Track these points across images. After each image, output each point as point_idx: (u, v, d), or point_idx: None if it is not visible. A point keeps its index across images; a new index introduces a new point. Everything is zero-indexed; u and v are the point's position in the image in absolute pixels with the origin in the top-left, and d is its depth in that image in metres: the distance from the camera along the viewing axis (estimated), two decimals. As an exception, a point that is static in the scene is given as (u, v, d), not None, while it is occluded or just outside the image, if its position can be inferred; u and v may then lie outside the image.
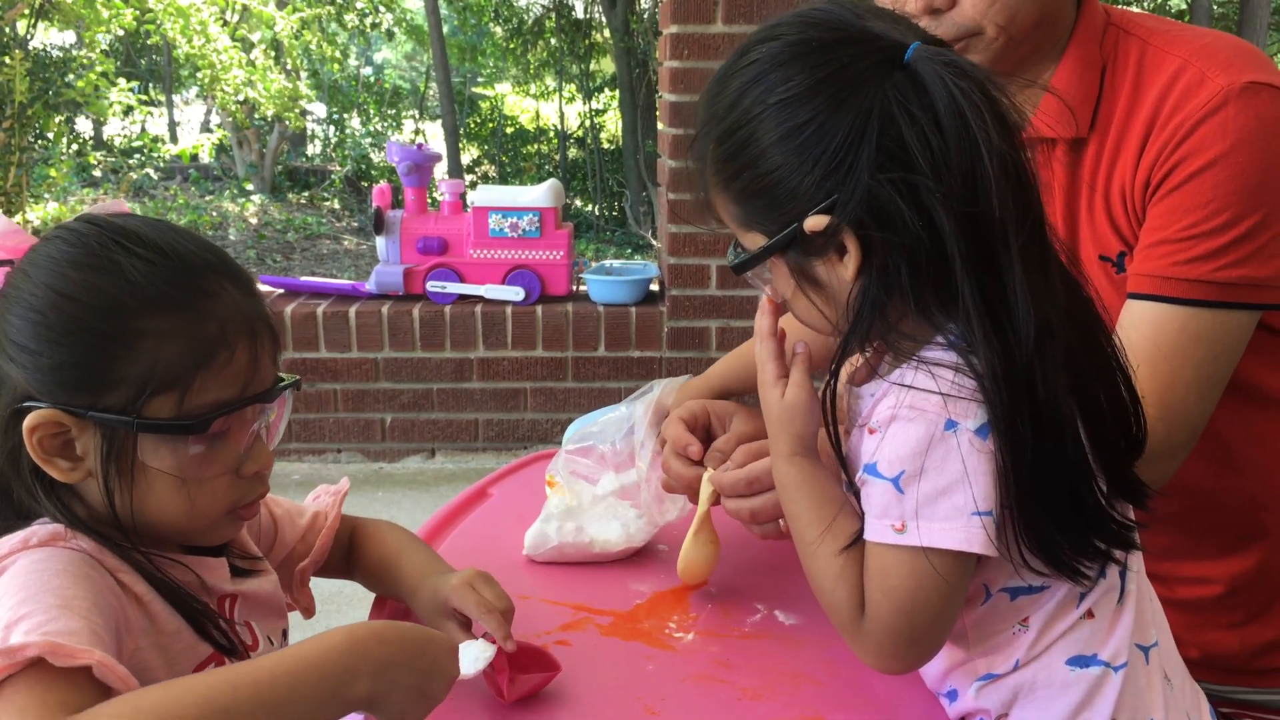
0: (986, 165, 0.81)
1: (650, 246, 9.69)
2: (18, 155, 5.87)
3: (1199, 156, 1.13)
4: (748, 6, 3.57)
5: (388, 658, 0.81)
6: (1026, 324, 0.81)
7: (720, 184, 0.92)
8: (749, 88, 0.88)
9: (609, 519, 1.29)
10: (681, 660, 1.07)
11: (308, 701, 0.76)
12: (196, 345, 0.86)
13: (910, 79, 0.82)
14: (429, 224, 3.74)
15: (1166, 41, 1.19)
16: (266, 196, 10.80)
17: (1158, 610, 0.99)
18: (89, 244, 0.87)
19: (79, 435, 0.86)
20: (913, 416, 0.83)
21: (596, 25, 12.71)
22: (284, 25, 7.54)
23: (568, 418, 3.86)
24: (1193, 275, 1.14)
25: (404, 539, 1.19)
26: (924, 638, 0.86)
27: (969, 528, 0.82)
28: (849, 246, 0.85)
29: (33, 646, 0.71)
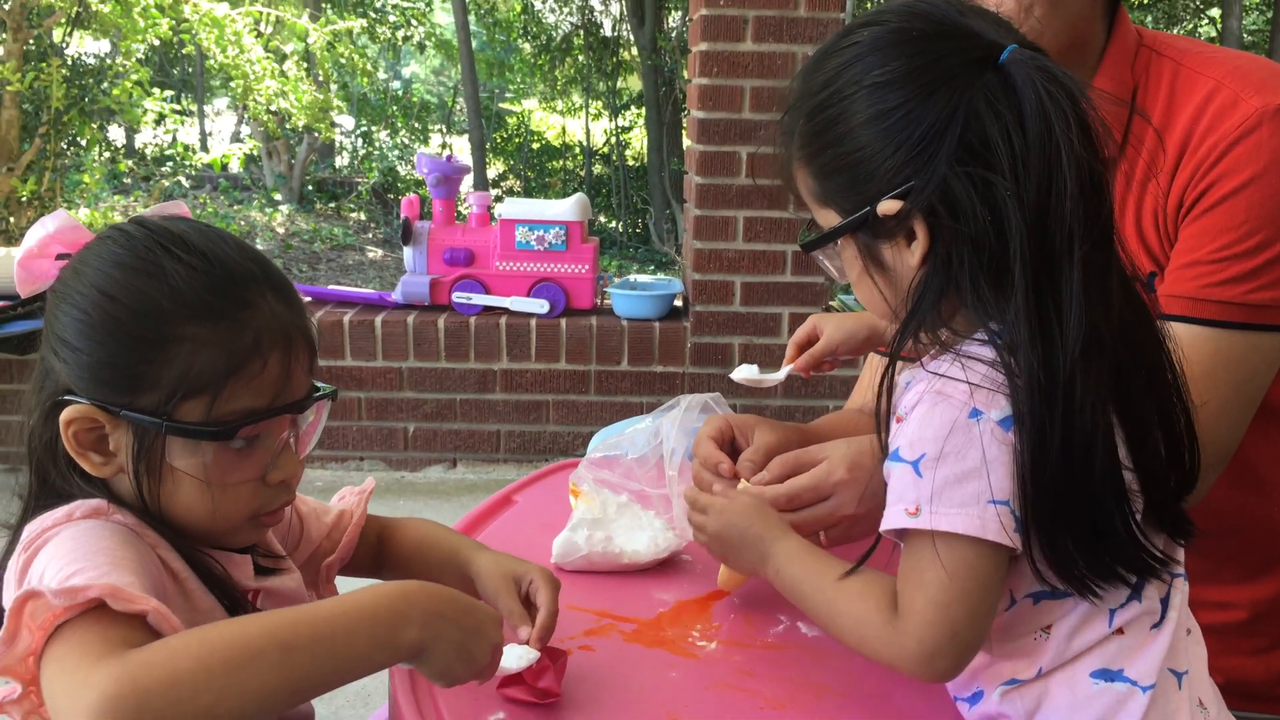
0: (1064, 171, 0.82)
1: (673, 264, 9.71)
2: (52, 161, 5.95)
3: (1232, 178, 1.13)
4: (778, 25, 3.59)
5: (436, 609, 0.84)
6: (1076, 332, 0.82)
7: (804, 158, 0.95)
8: (847, 67, 0.90)
9: (637, 529, 1.29)
10: (704, 669, 1.08)
11: (361, 642, 0.79)
12: (230, 354, 0.88)
13: (1002, 80, 0.84)
14: (456, 235, 3.77)
15: (1199, 63, 1.20)
16: (294, 207, 10.90)
17: (1194, 642, 0.97)
18: (136, 247, 0.90)
19: (112, 432, 0.89)
20: (938, 402, 0.85)
21: (624, 43, 12.78)
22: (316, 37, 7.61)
23: (589, 431, 3.87)
24: (1225, 297, 1.13)
25: (438, 526, 1.22)
26: (964, 630, 0.86)
27: (984, 515, 0.83)
28: (918, 233, 0.87)
29: (95, 588, 0.74)
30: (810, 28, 3.60)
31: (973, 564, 0.84)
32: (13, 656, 0.73)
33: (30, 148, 5.86)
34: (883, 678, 1.06)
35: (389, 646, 0.81)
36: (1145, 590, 0.90)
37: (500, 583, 1.08)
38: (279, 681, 0.74)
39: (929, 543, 0.85)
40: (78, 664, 0.71)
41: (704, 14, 3.60)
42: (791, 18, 3.59)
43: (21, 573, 0.82)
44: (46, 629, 0.73)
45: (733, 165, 3.71)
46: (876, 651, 0.91)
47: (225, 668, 0.72)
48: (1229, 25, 10.95)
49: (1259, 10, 14.06)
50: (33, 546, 0.83)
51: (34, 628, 0.73)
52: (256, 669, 0.73)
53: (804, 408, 3.89)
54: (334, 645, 0.77)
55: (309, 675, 0.76)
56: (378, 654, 0.81)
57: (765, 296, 3.79)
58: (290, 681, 0.75)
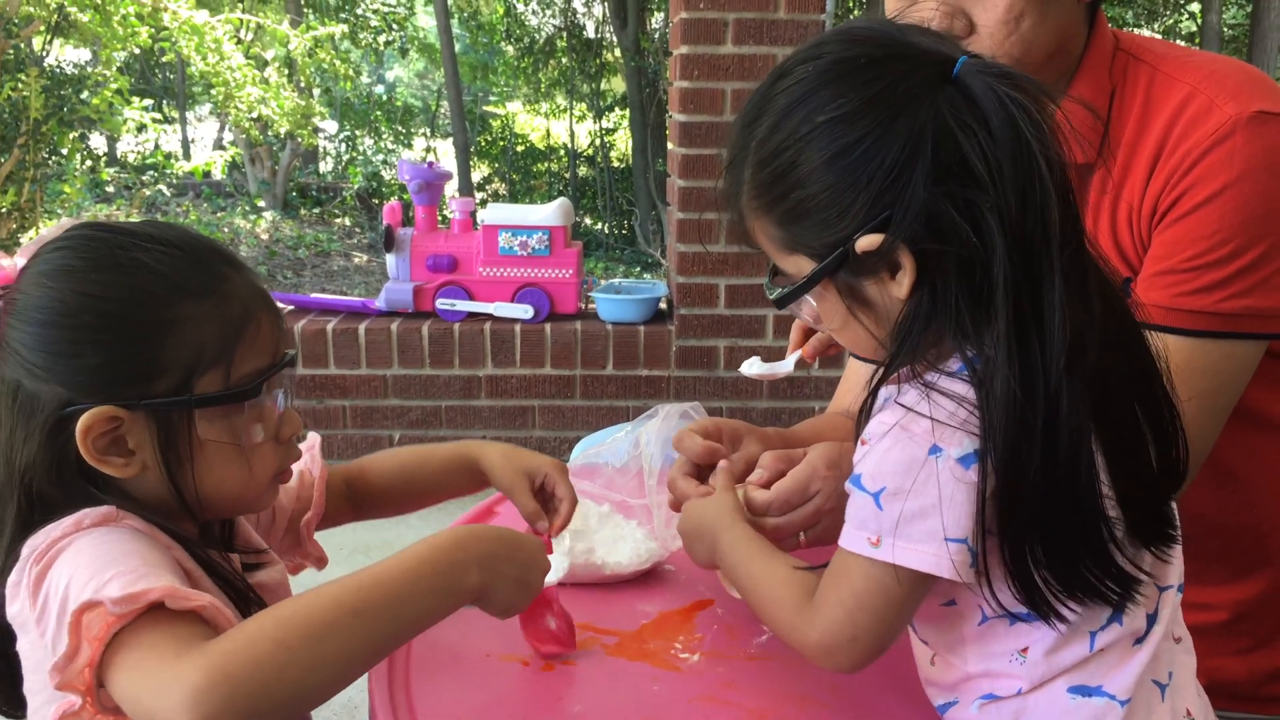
0: (1043, 175, 0.80)
1: (659, 265, 9.71)
2: (32, 171, 5.92)
3: (1206, 186, 1.12)
4: (758, 28, 3.60)
5: (490, 551, 0.89)
6: (1060, 341, 0.80)
7: (762, 208, 0.91)
8: (794, 108, 0.87)
9: (619, 541, 1.29)
10: (687, 681, 1.07)
11: (427, 595, 0.84)
12: (228, 323, 0.91)
13: (961, 92, 0.82)
14: (439, 242, 3.76)
15: (1175, 68, 1.19)
16: (278, 213, 10.86)
17: (1183, 651, 0.97)
18: (104, 248, 0.90)
19: (130, 429, 0.88)
20: (900, 437, 0.84)
21: (607, 45, 12.78)
22: (297, 43, 7.59)
23: (575, 436, 3.87)
24: (1197, 306, 1.13)
25: (417, 448, 1.26)
26: (864, 636, 0.89)
27: (940, 553, 0.83)
28: (904, 263, 0.84)
29: (155, 591, 0.75)
30: (790, 30, 3.60)
31: (893, 585, 0.86)
32: (73, 671, 0.74)
33: (9, 158, 5.82)
34: (867, 687, 1.06)
35: (453, 594, 0.86)
36: (1128, 611, 0.89)
37: (515, 479, 1.17)
38: (357, 646, 0.78)
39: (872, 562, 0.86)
40: (158, 665, 0.73)
41: (684, 17, 3.60)
42: (771, 20, 3.59)
43: (35, 585, 0.81)
44: (103, 638, 0.74)
45: (715, 168, 3.71)
46: (786, 636, 0.96)
47: (304, 643, 0.75)
48: (1209, 20, 11.00)
49: (1238, 5, 14.14)
50: (44, 559, 0.82)
51: (90, 639, 0.74)
52: (335, 639, 0.76)
53: (790, 409, 3.89)
54: (402, 603, 0.81)
55: (384, 635, 0.80)
56: (444, 603, 0.85)
57: (750, 299, 3.79)
58: (368, 644, 0.79)
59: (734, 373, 3.85)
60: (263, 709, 0.72)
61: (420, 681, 1.05)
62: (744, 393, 3.87)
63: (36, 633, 0.81)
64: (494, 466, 1.19)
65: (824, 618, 0.90)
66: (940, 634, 0.94)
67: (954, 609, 0.91)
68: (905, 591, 0.86)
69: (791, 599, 0.94)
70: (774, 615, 0.98)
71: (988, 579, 0.85)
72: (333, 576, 1.11)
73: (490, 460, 1.20)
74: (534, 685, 1.06)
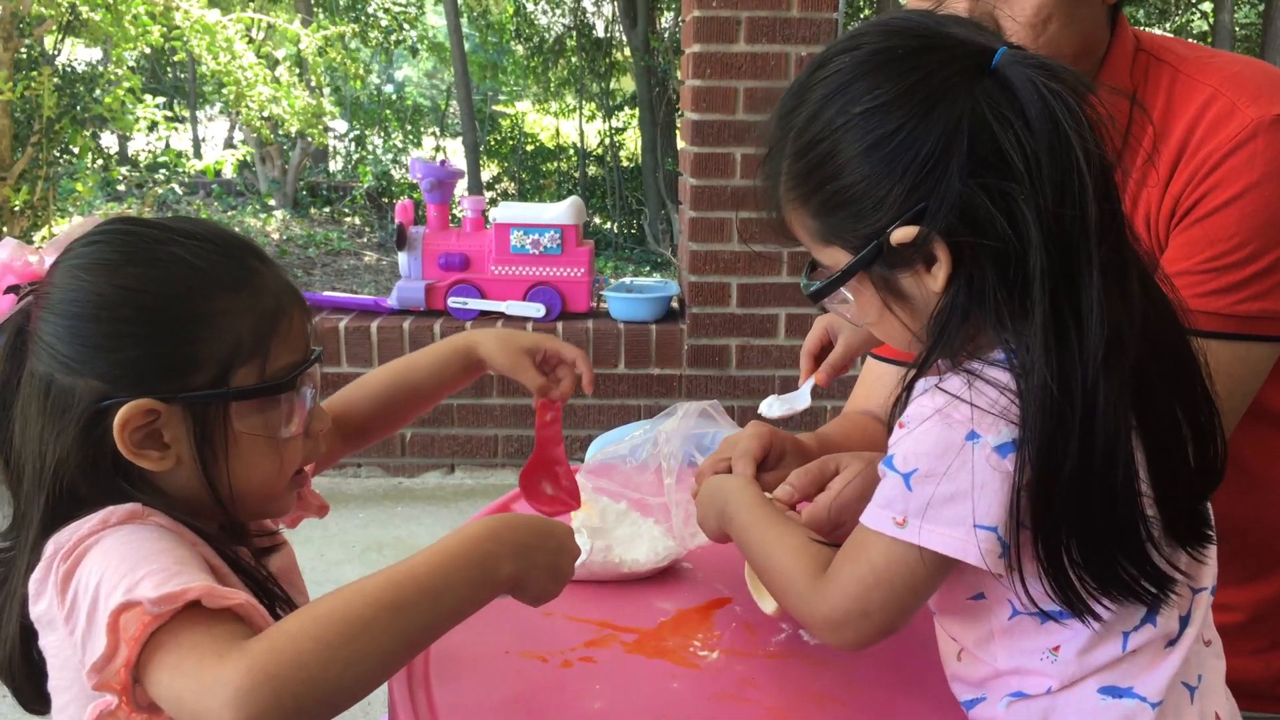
0: (1081, 168, 0.80)
1: (668, 264, 9.70)
2: (44, 170, 5.93)
3: (1226, 189, 1.12)
4: (771, 26, 3.59)
5: (523, 540, 0.90)
6: (1097, 336, 0.80)
7: (798, 199, 0.91)
8: (831, 99, 0.87)
9: (637, 538, 1.29)
10: (706, 679, 1.07)
11: (462, 587, 0.84)
12: (262, 317, 0.92)
13: (999, 84, 0.82)
14: (451, 240, 3.76)
15: (1197, 69, 1.19)
16: (289, 212, 10.88)
17: (1213, 654, 0.96)
18: (140, 242, 0.91)
19: (166, 423, 0.88)
20: (938, 421, 0.83)
21: (617, 44, 12.77)
22: (308, 42, 7.59)
23: (587, 435, 3.86)
24: (1213, 308, 1.13)
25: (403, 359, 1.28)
26: (876, 614, 0.87)
27: (968, 539, 0.82)
28: (939, 255, 0.84)
29: (193, 590, 0.75)
30: (803, 28, 3.59)
31: (915, 564, 0.85)
32: (110, 671, 0.74)
33: (22, 156, 5.84)
34: (886, 686, 1.05)
35: (488, 585, 0.86)
36: (1162, 612, 0.88)
37: (517, 358, 1.23)
38: (396, 642, 0.78)
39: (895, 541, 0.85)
40: (199, 665, 0.73)
41: (696, 15, 3.60)
42: (784, 18, 3.58)
43: (63, 584, 0.81)
44: (140, 638, 0.74)
45: (727, 167, 3.71)
46: (794, 608, 0.95)
47: (343, 640, 0.75)
48: (1221, 19, 10.96)
49: (1250, 4, 14.08)
50: (71, 557, 0.82)
51: (127, 639, 0.74)
52: (373, 635, 0.77)
53: (802, 408, 3.88)
54: (438, 597, 0.82)
55: (421, 629, 0.81)
56: (478, 594, 0.86)
57: (762, 298, 3.79)
58: (405, 639, 0.79)
59: (745, 371, 3.85)
60: (306, 706, 0.73)
61: (440, 678, 1.05)
62: (756, 392, 3.86)
63: (65, 630, 0.81)
64: (492, 352, 1.23)
65: (837, 591, 0.89)
66: (968, 629, 0.93)
67: (982, 603, 0.91)
68: (926, 574, 0.86)
69: (804, 571, 0.93)
70: (784, 585, 0.96)
71: (1020, 573, 0.84)
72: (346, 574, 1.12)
73: (487, 347, 1.24)
74: (553, 682, 1.06)
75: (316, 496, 1.18)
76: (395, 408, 1.27)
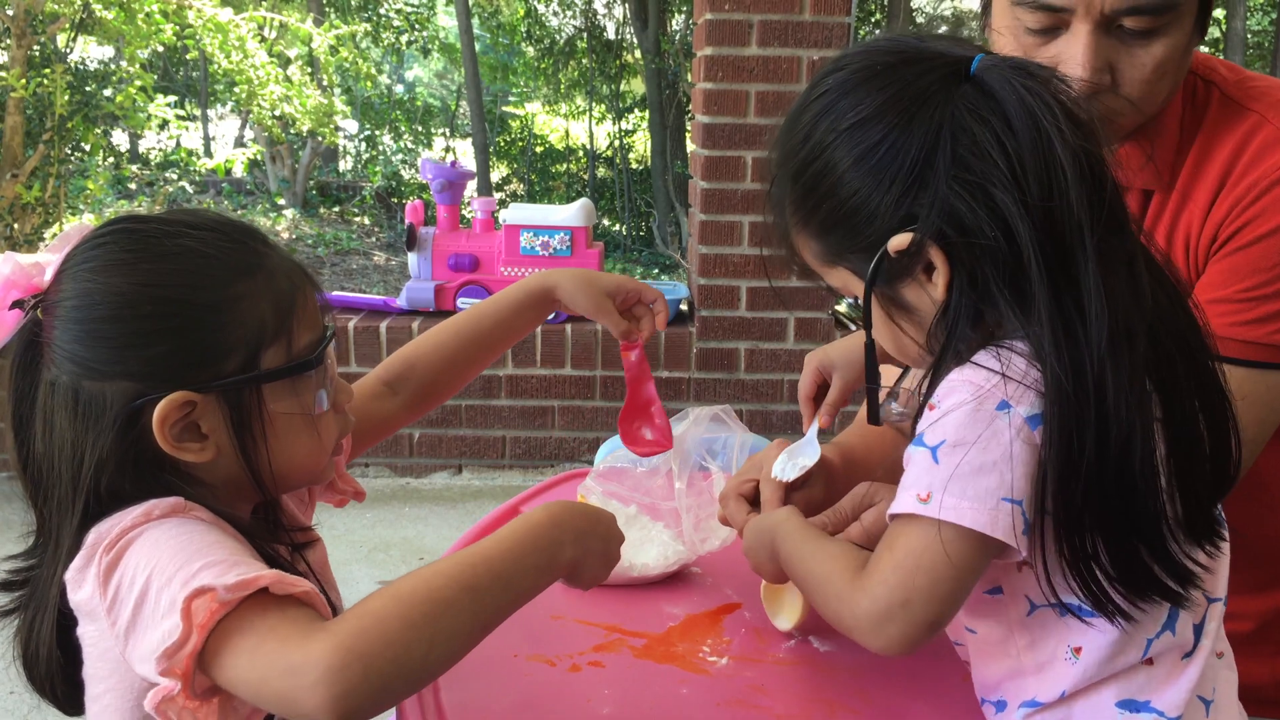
0: (1061, 162, 0.81)
1: (677, 266, 9.70)
2: (56, 167, 5.95)
3: (1270, 219, 1.12)
4: (783, 30, 3.58)
5: (581, 527, 0.93)
6: (1099, 324, 0.80)
7: (800, 221, 0.93)
8: (820, 118, 0.90)
9: (646, 542, 1.28)
10: (716, 685, 1.07)
11: (530, 571, 0.87)
12: (280, 298, 0.92)
13: (978, 88, 0.84)
14: (460, 241, 3.76)
15: (1244, 93, 1.18)
16: (298, 211, 10.91)
17: (1225, 666, 0.96)
18: (148, 238, 0.90)
19: (203, 413, 0.88)
20: (967, 389, 0.82)
21: (627, 46, 12.77)
22: (320, 42, 7.61)
23: (595, 437, 3.86)
24: (1249, 337, 1.13)
25: (462, 313, 1.29)
26: (919, 602, 0.83)
27: (996, 511, 0.80)
28: (936, 261, 0.85)
29: (264, 577, 0.76)
30: (815, 32, 3.59)
31: (950, 544, 0.82)
32: (179, 658, 0.74)
33: (34, 154, 5.86)
34: (896, 693, 1.05)
35: (551, 569, 0.90)
36: (1179, 619, 0.88)
37: (601, 301, 1.26)
38: (473, 622, 0.81)
39: (922, 520, 0.83)
40: (282, 646, 0.74)
41: (709, 18, 3.59)
42: (797, 22, 3.58)
43: (106, 575, 0.81)
44: (208, 626, 0.74)
45: (738, 170, 3.70)
46: (836, 612, 0.92)
47: (426, 619, 0.78)
48: (1233, 26, 10.93)
49: (1263, 11, 14.03)
50: (115, 548, 0.81)
51: (195, 626, 0.74)
52: (454, 615, 0.79)
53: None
54: (510, 579, 0.85)
55: (495, 609, 0.84)
56: (543, 579, 0.89)
57: (771, 302, 3.78)
58: (481, 618, 0.82)
59: (754, 375, 3.85)
60: (393, 684, 0.75)
61: (448, 682, 1.05)
62: (764, 395, 3.86)
63: (106, 622, 0.80)
64: (573, 294, 1.26)
65: (877, 582, 0.86)
66: (987, 624, 0.93)
67: (999, 598, 0.90)
68: (963, 552, 0.82)
69: (844, 570, 0.91)
70: (825, 590, 0.94)
71: (1044, 560, 0.83)
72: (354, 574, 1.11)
73: (566, 289, 1.26)
74: (562, 686, 1.06)
75: (352, 481, 1.18)
76: (466, 359, 1.28)
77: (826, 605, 0.94)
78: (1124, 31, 1.10)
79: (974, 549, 0.83)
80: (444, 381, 1.27)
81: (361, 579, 3.06)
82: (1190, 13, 1.12)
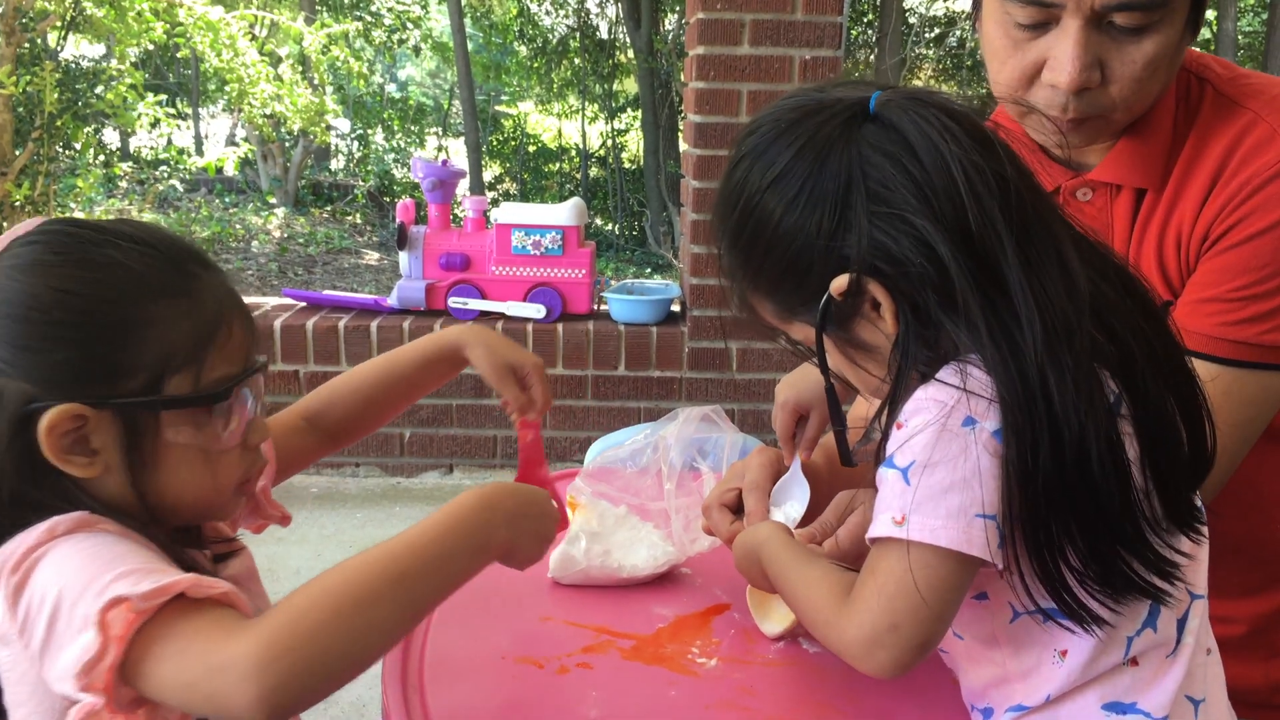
0: (970, 176, 0.83)
1: (670, 266, 9.70)
2: (45, 165, 5.92)
3: (1262, 217, 1.11)
4: (775, 29, 3.58)
5: (514, 508, 0.93)
6: (1031, 329, 0.81)
7: (750, 283, 0.96)
8: (743, 182, 0.93)
9: (635, 543, 1.28)
10: (705, 687, 1.06)
11: (460, 556, 0.87)
12: (200, 326, 0.90)
13: (879, 124, 0.87)
14: (452, 240, 3.75)
15: (1237, 91, 1.17)
16: (290, 210, 10.88)
17: (1214, 662, 0.96)
18: (78, 244, 0.88)
19: (95, 429, 0.86)
20: (932, 409, 0.83)
21: (620, 45, 12.77)
22: (311, 41, 7.58)
23: (586, 436, 3.85)
24: (1240, 337, 1.12)
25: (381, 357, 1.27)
26: (906, 625, 0.84)
27: (970, 529, 0.81)
28: (879, 296, 0.86)
29: (181, 582, 0.75)
30: (807, 31, 3.58)
31: (930, 564, 0.82)
32: (99, 672, 0.73)
33: (24, 152, 5.83)
34: (885, 696, 1.04)
35: (484, 551, 0.90)
36: (1161, 616, 0.88)
37: (503, 373, 1.23)
38: (402, 611, 0.81)
39: (899, 543, 0.84)
40: (207, 646, 0.74)
41: (701, 17, 3.59)
42: (789, 21, 3.57)
43: (14, 596, 0.78)
44: (125, 637, 0.73)
45: (730, 169, 3.69)
46: (825, 637, 0.93)
47: (355, 610, 0.77)
48: (1224, 27, 10.96)
49: (1254, 12, 14.08)
50: (21, 569, 0.79)
51: (112, 638, 0.73)
52: (382, 605, 0.79)
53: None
54: (439, 566, 0.84)
55: (426, 597, 0.84)
56: (474, 562, 0.89)
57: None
58: (412, 607, 0.82)
59: (746, 374, 3.84)
60: (320, 677, 0.75)
61: (435, 684, 1.04)
62: (756, 395, 3.85)
63: (20, 644, 0.78)
64: (479, 359, 1.23)
65: (861, 609, 0.87)
66: (973, 629, 0.92)
67: (985, 604, 0.90)
68: (946, 571, 0.83)
69: (828, 597, 0.92)
70: (813, 617, 0.95)
71: (1019, 569, 0.84)
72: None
73: (475, 353, 1.24)
74: (549, 688, 1.05)
75: (278, 507, 1.15)
76: (379, 404, 1.26)
77: (815, 630, 0.96)
78: (1115, 28, 1.10)
79: (954, 567, 0.83)
80: (358, 423, 1.26)
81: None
82: (1182, 10, 1.11)
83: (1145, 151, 1.19)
